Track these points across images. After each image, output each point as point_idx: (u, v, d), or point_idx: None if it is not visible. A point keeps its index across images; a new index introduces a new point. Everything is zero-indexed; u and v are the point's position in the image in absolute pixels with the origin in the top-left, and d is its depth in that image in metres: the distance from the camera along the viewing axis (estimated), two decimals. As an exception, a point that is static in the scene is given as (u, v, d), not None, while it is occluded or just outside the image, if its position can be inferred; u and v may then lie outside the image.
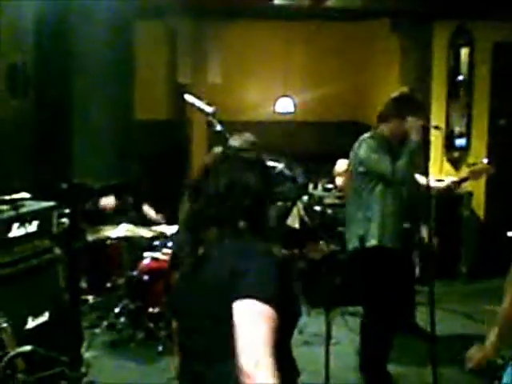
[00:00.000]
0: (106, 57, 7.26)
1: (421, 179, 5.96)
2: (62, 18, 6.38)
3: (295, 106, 9.62)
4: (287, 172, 5.20)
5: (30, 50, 6.01)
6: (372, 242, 4.74)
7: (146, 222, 6.45)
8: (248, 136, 4.66)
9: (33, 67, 6.01)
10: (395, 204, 4.83)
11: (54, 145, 6.32)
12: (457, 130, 8.11)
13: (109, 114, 7.40)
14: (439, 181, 6.23)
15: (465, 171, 6.15)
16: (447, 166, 8.09)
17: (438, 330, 5.77)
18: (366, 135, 4.94)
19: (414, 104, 4.92)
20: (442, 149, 8.10)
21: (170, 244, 5.97)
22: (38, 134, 6.13)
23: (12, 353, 3.46)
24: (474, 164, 6.07)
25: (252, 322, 1.99)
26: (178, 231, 5.03)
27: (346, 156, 5.11)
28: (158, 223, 6.57)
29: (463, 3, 7.01)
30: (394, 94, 5.00)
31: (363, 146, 4.85)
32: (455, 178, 6.11)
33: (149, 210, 6.88)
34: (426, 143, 4.87)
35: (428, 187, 4.97)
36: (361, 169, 4.83)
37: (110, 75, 7.34)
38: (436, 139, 8.22)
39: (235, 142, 4.60)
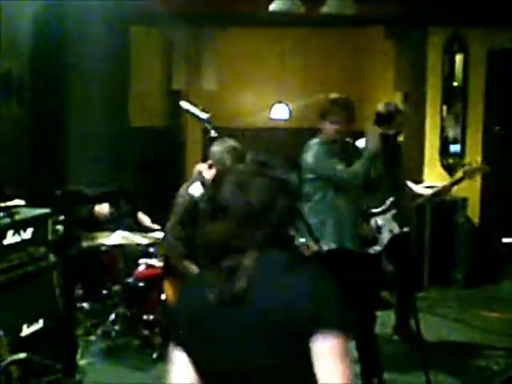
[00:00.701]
0: (102, 63, 7.25)
1: (414, 187, 5.99)
2: (57, 25, 6.37)
3: (290, 112, 9.63)
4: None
5: (25, 57, 6.01)
6: (330, 245, 4.68)
7: (142, 229, 6.44)
8: (230, 141, 4.66)
9: (28, 74, 6.01)
10: (350, 208, 4.80)
11: (49, 152, 6.31)
12: (451, 136, 8.13)
13: (104, 121, 7.39)
14: (431, 187, 6.24)
15: (459, 172, 6.17)
16: (442, 172, 8.10)
17: (432, 337, 5.81)
18: (314, 141, 4.92)
19: (349, 110, 4.91)
20: (437, 155, 8.12)
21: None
22: (32, 140, 6.12)
23: (7, 360, 3.46)
24: (468, 164, 6.08)
25: (339, 356, 1.87)
26: (165, 236, 5.02)
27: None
28: (152, 230, 6.55)
29: (458, 10, 7.04)
30: (333, 96, 4.98)
31: (311, 152, 4.83)
32: (449, 181, 6.12)
33: (143, 218, 6.87)
34: (390, 150, 4.90)
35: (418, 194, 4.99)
36: (310, 175, 4.82)
37: (105, 82, 7.33)
38: (431, 145, 8.25)
39: (217, 147, 4.60)
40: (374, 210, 5.63)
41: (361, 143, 5.00)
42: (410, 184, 5.93)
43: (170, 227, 4.87)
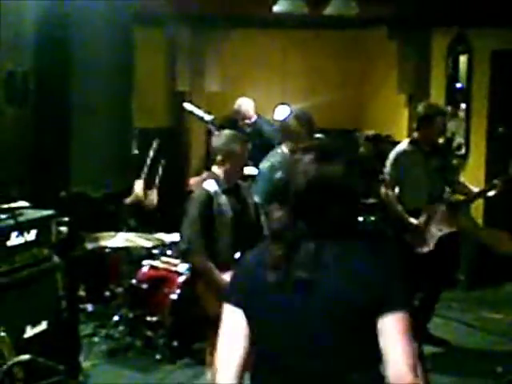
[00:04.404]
0: (106, 64, 7.25)
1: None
2: (61, 26, 6.37)
3: (294, 113, 9.61)
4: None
5: (29, 58, 6.01)
6: None
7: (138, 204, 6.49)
8: (224, 131, 4.62)
9: (32, 75, 6.00)
10: None
11: (53, 153, 6.31)
12: (455, 137, 8.11)
13: (108, 122, 7.38)
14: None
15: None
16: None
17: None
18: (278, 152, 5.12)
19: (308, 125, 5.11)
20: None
21: (168, 252, 5.96)
22: (36, 142, 6.12)
23: (10, 362, 3.46)
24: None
25: (406, 333, 2.01)
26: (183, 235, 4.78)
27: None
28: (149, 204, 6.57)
29: (462, 11, 7.03)
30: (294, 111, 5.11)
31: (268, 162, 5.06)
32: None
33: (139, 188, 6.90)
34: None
35: None
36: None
37: (109, 82, 7.33)
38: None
39: (219, 141, 4.54)
40: None
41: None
42: (463, 182, 5.95)
43: (189, 224, 4.43)
